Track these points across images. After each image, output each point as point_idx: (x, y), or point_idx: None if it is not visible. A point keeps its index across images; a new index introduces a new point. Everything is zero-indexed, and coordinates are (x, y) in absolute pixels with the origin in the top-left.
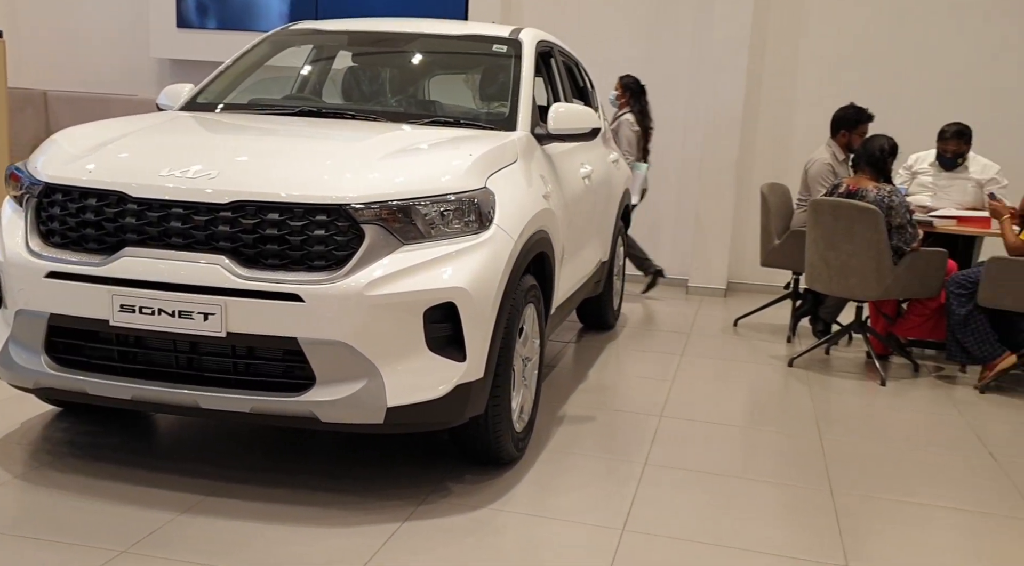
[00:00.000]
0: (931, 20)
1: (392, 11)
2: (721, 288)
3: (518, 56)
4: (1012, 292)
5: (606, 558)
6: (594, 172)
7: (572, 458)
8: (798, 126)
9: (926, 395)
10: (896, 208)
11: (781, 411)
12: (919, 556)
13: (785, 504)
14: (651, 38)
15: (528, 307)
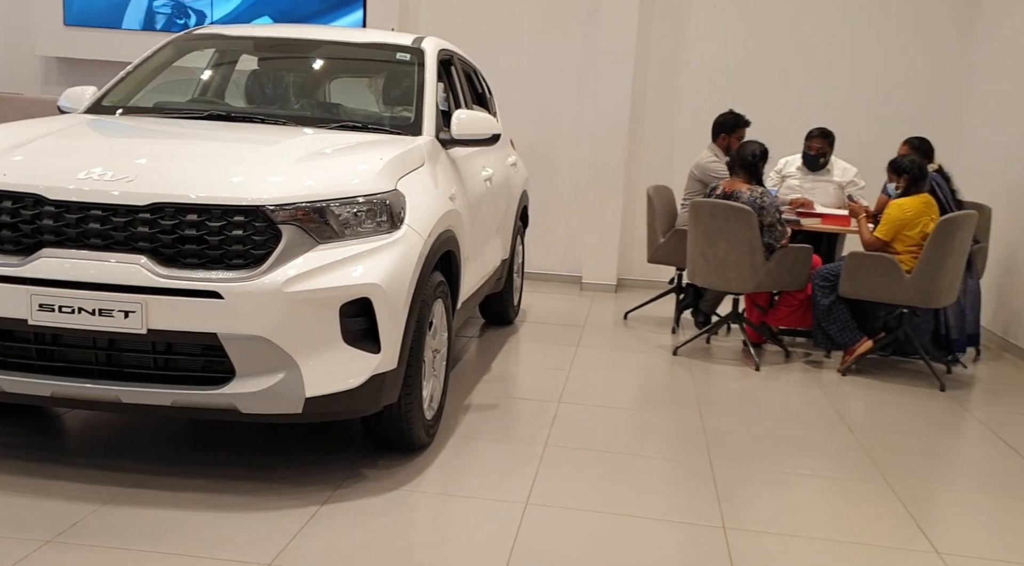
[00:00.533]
0: (798, 36)
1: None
2: (612, 284)
3: (421, 64)
4: (868, 284)
5: (511, 529)
6: (495, 175)
7: (478, 443)
8: (681, 131)
9: (795, 378)
10: (767, 208)
11: (667, 395)
12: (786, 515)
13: (670, 476)
14: (542, 46)
15: (437, 302)
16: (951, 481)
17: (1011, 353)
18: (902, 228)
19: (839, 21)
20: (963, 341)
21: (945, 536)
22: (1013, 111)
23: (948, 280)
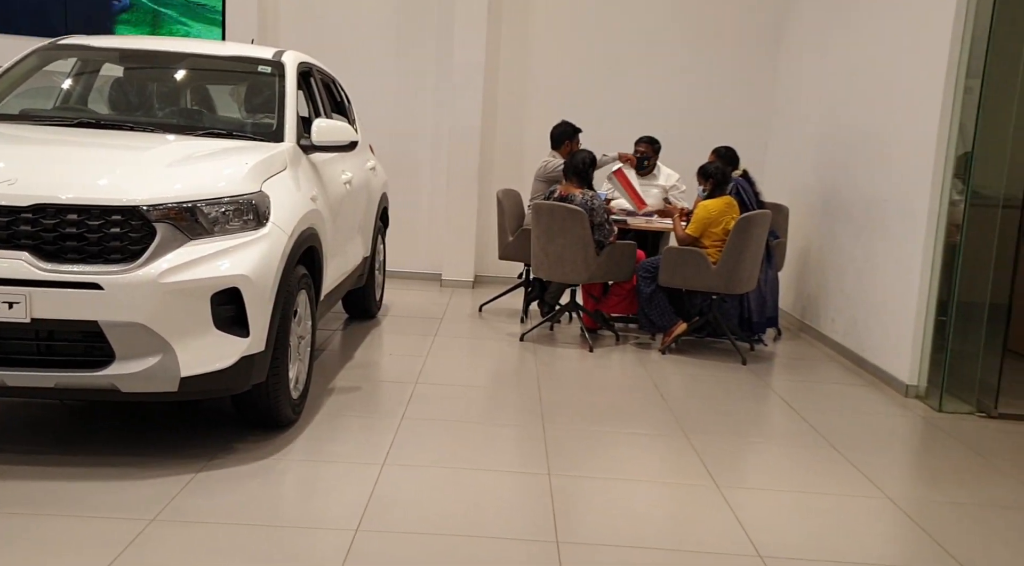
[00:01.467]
0: (628, 53)
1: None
2: (469, 280)
3: (282, 76)
4: (681, 274)
5: (369, 485)
6: (354, 178)
7: (341, 419)
8: (528, 139)
9: (623, 358)
10: (596, 209)
11: (512, 374)
12: (600, 463)
13: (509, 438)
14: (399, 59)
15: (301, 293)
16: (737, 434)
17: (807, 333)
18: (708, 226)
19: (664, 42)
20: (763, 323)
21: (726, 474)
22: (808, 124)
23: (747, 269)
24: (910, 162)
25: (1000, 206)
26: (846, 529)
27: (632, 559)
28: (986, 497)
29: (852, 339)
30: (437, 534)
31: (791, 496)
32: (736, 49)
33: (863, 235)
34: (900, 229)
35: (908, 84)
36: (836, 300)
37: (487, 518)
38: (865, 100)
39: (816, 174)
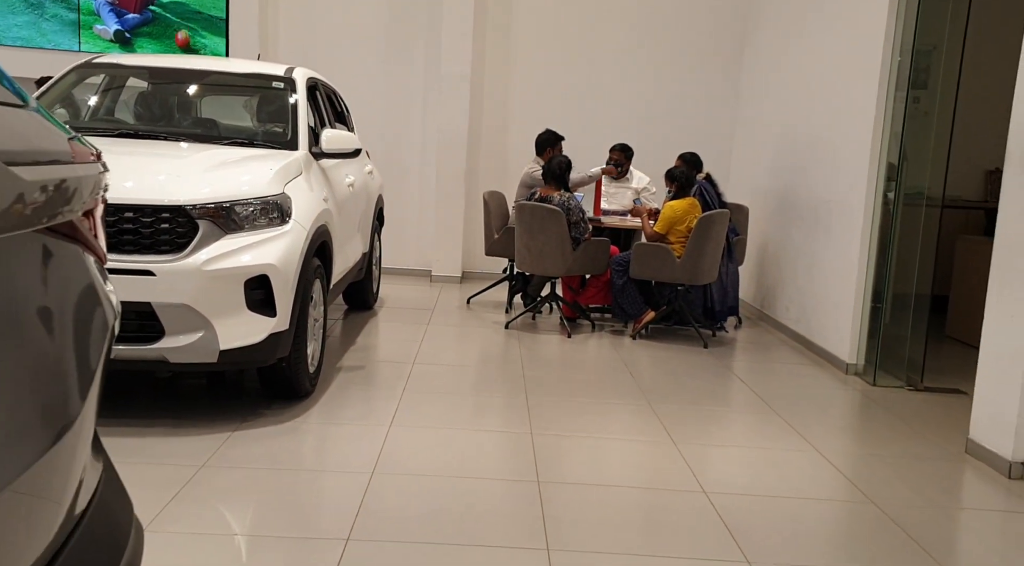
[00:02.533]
0: (604, 66)
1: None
2: (457, 276)
3: (293, 90)
4: (650, 267)
5: (379, 441)
6: (356, 181)
7: (350, 390)
8: (511, 144)
9: (598, 343)
10: (573, 209)
11: (499, 356)
12: (575, 425)
13: (496, 406)
14: (390, 69)
15: (316, 281)
16: (694, 402)
17: (765, 321)
18: (673, 224)
19: (637, 56)
20: (725, 312)
21: (681, 433)
22: (766, 132)
23: (708, 263)
24: (849, 166)
25: (924, 206)
26: (777, 473)
27: (599, 494)
28: (899, 450)
29: (803, 325)
30: (439, 476)
31: (734, 449)
32: (703, 64)
33: (812, 232)
34: (841, 227)
35: (848, 96)
36: (789, 291)
37: (480, 465)
38: (813, 110)
39: (773, 177)
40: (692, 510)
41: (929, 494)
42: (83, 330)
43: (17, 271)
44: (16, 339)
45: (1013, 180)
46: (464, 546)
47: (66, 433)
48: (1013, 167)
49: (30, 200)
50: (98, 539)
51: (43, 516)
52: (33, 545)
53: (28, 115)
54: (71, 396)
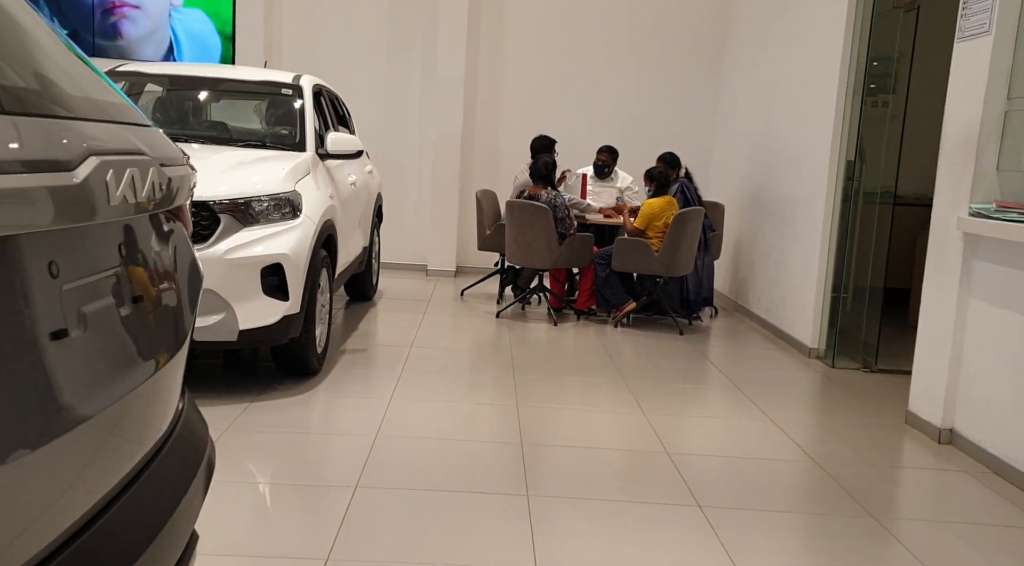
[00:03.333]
0: (590, 71)
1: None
2: (452, 270)
3: (300, 96)
4: (630, 260)
5: (381, 411)
6: (357, 180)
7: (354, 369)
8: (503, 145)
9: (582, 330)
10: (559, 206)
11: (490, 341)
12: (555, 397)
13: (487, 382)
14: (389, 74)
15: (323, 270)
16: (665, 381)
17: (739, 312)
18: (651, 220)
19: (622, 62)
20: (701, 302)
21: (651, 405)
22: (741, 134)
23: (684, 256)
24: (812, 167)
25: (878, 203)
26: (731, 437)
27: (574, 453)
28: (846, 420)
29: (772, 314)
30: (436, 439)
31: (697, 419)
32: (684, 71)
33: (780, 228)
34: (805, 223)
35: (811, 101)
36: (760, 282)
37: (471, 430)
38: (781, 115)
39: (746, 177)
40: (654, 466)
41: (867, 455)
42: (190, 275)
43: (160, 234)
44: (163, 276)
45: (943, 181)
46: (456, 492)
47: (182, 346)
48: (943, 168)
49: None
50: (190, 435)
51: (166, 406)
52: (157, 431)
53: (154, 131)
54: (187, 319)
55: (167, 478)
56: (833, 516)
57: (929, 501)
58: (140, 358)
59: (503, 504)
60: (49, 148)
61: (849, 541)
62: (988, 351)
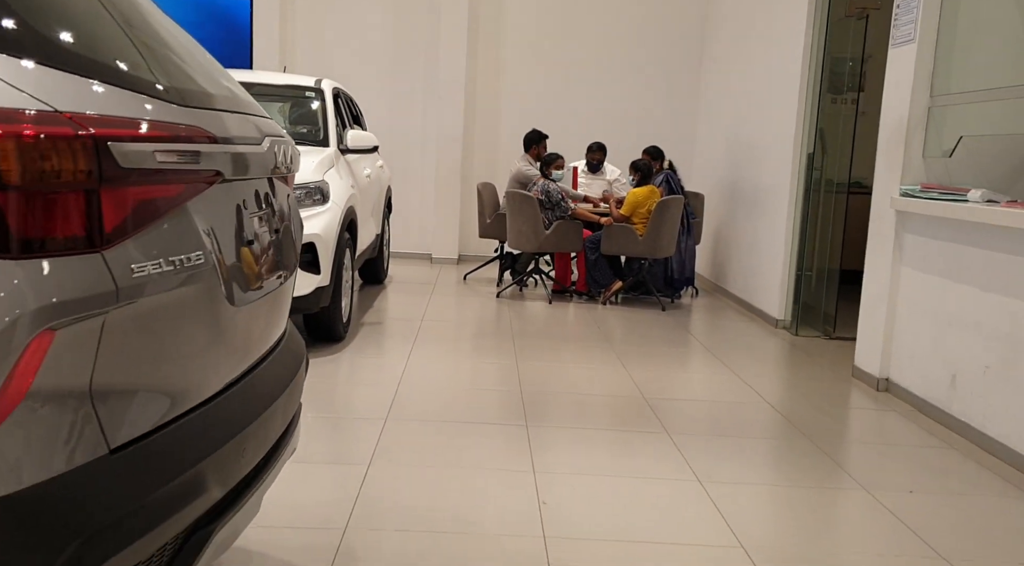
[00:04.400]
0: (581, 71)
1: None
2: (454, 258)
3: (322, 98)
4: (618, 243)
5: (400, 369)
6: (372, 173)
7: (373, 337)
8: (501, 141)
9: (574, 308)
10: (551, 194)
11: (491, 316)
12: (550, 360)
13: (491, 348)
14: (394, 75)
15: (347, 250)
16: (646, 346)
17: (719, 292)
18: (636, 207)
19: (610, 64)
20: (683, 282)
21: (632, 363)
22: (720, 129)
23: (666, 239)
24: (779, 159)
25: (834, 192)
26: (700, 386)
27: (564, 396)
28: (801, 375)
29: (745, 292)
30: (448, 387)
31: (672, 373)
32: (669, 70)
33: (752, 215)
34: (773, 210)
35: (776, 99)
36: (736, 264)
37: (478, 380)
38: (753, 111)
39: (724, 169)
40: (631, 405)
41: (814, 400)
42: (296, 219)
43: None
44: (289, 220)
45: (881, 167)
46: (468, 423)
47: (295, 268)
48: (880, 156)
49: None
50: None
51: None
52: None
53: (273, 122)
54: (296, 250)
55: (287, 359)
56: (776, 440)
57: (860, 431)
58: (281, 267)
59: (506, 431)
60: (250, 131)
61: (790, 458)
62: (914, 310)
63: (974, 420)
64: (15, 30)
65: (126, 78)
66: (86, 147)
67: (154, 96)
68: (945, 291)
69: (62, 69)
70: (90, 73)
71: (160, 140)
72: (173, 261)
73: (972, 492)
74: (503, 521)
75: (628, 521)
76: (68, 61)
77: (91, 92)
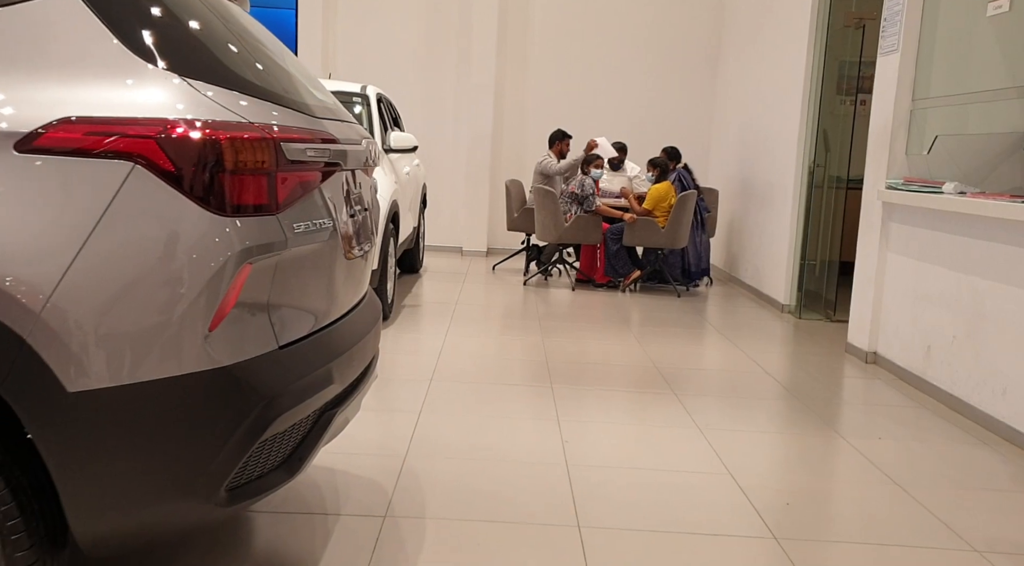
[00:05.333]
0: (604, 73)
1: None
2: (483, 250)
3: (367, 103)
4: (640, 236)
5: (440, 343)
6: (410, 171)
7: (413, 318)
8: (527, 141)
9: (597, 296)
10: (584, 188)
11: (519, 302)
12: (574, 336)
13: (518, 328)
14: (428, 81)
15: (391, 239)
16: (661, 326)
17: (732, 282)
18: (658, 202)
19: (631, 67)
20: (699, 273)
21: (647, 340)
22: (732, 129)
23: (683, 230)
24: (785, 156)
25: (835, 188)
26: (706, 358)
27: (585, 366)
28: (799, 351)
29: (756, 280)
30: (482, 356)
31: (682, 348)
32: (685, 74)
33: (762, 209)
34: (780, 204)
35: (784, 99)
36: (747, 254)
37: (508, 352)
38: (763, 112)
39: (736, 166)
40: (644, 373)
41: (809, 370)
42: (375, 202)
43: (366, 180)
44: (369, 204)
45: (870, 163)
46: (500, 384)
47: (374, 240)
48: (870, 153)
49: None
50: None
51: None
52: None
53: (361, 126)
54: (375, 226)
55: (371, 310)
56: (771, 401)
57: (844, 394)
58: (365, 239)
59: (534, 390)
60: (353, 134)
61: (781, 413)
62: (897, 290)
63: (944, 384)
64: (230, 74)
65: (285, 101)
66: (269, 147)
67: (300, 112)
68: (922, 272)
69: (253, 97)
70: (268, 99)
71: (307, 142)
72: (314, 223)
73: (933, 440)
74: (532, 453)
75: (635, 454)
76: (257, 93)
77: (269, 112)
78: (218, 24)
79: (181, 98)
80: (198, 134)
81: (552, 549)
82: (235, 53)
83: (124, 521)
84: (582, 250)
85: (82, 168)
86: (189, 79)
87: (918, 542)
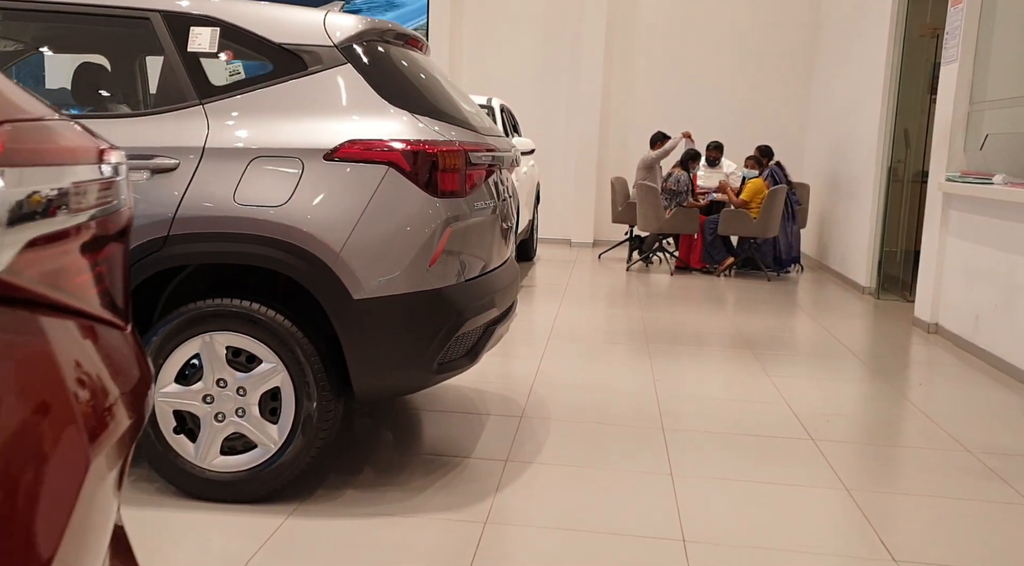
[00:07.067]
0: (705, 78)
1: None
2: (590, 242)
3: (492, 113)
4: (735, 226)
5: (553, 314)
6: (527, 171)
7: (530, 296)
8: (630, 142)
9: (692, 279)
10: (680, 183)
11: (622, 285)
12: (670, 313)
13: (621, 304)
14: (542, 88)
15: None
16: (750, 305)
17: (823, 270)
18: (755, 194)
19: (729, 72)
20: (790, 260)
21: (736, 314)
22: (823, 129)
23: (773, 221)
24: (867, 153)
25: (912, 182)
26: (786, 330)
27: (678, 333)
28: (871, 324)
29: (842, 266)
30: (589, 325)
31: (766, 321)
32: (781, 76)
33: (850, 202)
34: (863, 197)
35: (866, 102)
36: (835, 243)
37: (613, 322)
38: (848, 113)
39: (827, 162)
40: (728, 339)
41: (875, 339)
42: (515, 193)
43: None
44: (512, 195)
45: (934, 159)
46: (605, 343)
47: (515, 222)
48: (934, 150)
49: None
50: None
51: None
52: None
53: (504, 137)
54: (515, 212)
55: (513, 268)
56: (835, 360)
57: (901, 356)
58: (509, 219)
59: (632, 348)
60: (505, 145)
61: (840, 367)
62: (954, 268)
63: (987, 346)
64: (432, 108)
65: (463, 123)
66: (461, 155)
67: (473, 130)
68: (973, 252)
69: (449, 123)
70: (453, 123)
71: (480, 151)
72: (484, 204)
73: (966, 387)
74: (629, 389)
75: (715, 391)
76: (447, 119)
77: (461, 131)
78: (421, 75)
79: (410, 126)
80: (424, 149)
81: (643, 442)
82: (433, 93)
83: (382, 380)
84: (680, 239)
85: (359, 170)
86: (413, 114)
87: (922, 445)
